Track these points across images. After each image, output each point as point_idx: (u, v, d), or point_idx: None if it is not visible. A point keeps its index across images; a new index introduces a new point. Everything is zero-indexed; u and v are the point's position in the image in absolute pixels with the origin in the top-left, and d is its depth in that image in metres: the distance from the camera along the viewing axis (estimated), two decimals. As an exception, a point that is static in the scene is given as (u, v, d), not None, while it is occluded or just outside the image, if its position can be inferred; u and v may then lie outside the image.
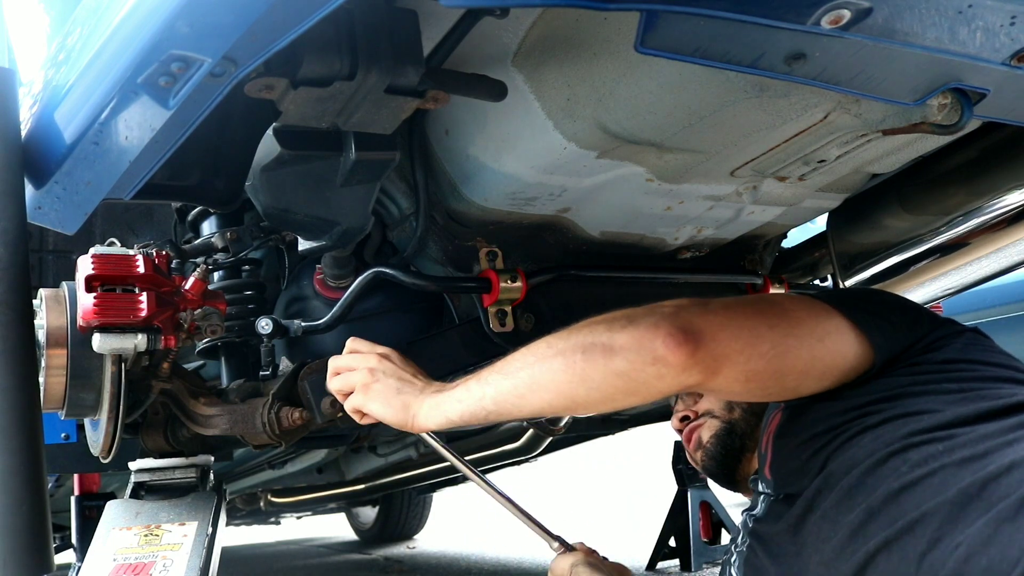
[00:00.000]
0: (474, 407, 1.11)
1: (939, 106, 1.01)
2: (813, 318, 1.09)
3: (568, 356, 1.04)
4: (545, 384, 1.06)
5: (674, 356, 0.99)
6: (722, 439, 1.39)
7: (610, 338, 1.03)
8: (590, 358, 1.03)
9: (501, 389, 1.09)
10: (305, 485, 3.86)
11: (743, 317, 1.05)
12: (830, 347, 1.08)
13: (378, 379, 1.20)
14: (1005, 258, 1.74)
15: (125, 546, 1.37)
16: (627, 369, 1.01)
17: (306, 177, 1.27)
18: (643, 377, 1.01)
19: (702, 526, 3.19)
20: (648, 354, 1.00)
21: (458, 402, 1.13)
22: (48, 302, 1.39)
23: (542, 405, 1.08)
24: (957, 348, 1.10)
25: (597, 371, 1.02)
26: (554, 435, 2.85)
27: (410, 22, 1.07)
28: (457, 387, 1.15)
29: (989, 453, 0.94)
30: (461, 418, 1.13)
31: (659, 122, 1.21)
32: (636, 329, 1.02)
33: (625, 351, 1.01)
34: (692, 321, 1.02)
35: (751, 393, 1.11)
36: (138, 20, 0.96)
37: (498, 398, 1.09)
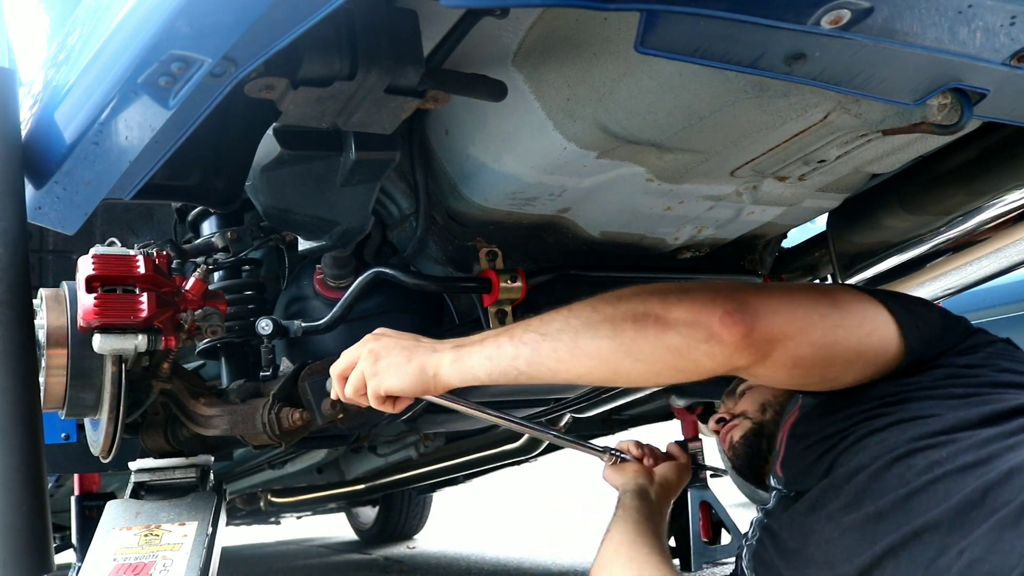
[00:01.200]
0: (505, 366, 1.05)
1: (939, 106, 1.01)
2: (863, 311, 1.07)
3: (618, 324, 1.00)
4: (589, 351, 1.01)
5: (730, 334, 0.96)
6: (749, 439, 1.40)
7: (664, 309, 0.98)
8: (642, 329, 0.98)
9: (540, 351, 1.03)
10: (305, 485, 3.86)
11: (797, 303, 1.03)
12: (876, 342, 1.06)
13: (381, 356, 1.14)
14: (1005, 258, 1.74)
15: (125, 546, 1.37)
16: (680, 344, 0.97)
17: (306, 177, 1.27)
18: (695, 354, 0.98)
19: (702, 526, 3.18)
20: (704, 330, 0.97)
21: (487, 359, 1.07)
22: (48, 302, 1.39)
23: (581, 372, 1.03)
24: (982, 356, 1.10)
25: (648, 343, 0.98)
26: (554, 435, 2.85)
27: (410, 22, 1.07)
28: (485, 342, 1.08)
29: (991, 458, 0.94)
30: (489, 376, 1.07)
31: (659, 122, 1.21)
32: (693, 304, 0.98)
33: (680, 325, 0.97)
34: (749, 301, 0.99)
35: (793, 380, 1.08)
36: (138, 20, 0.96)
37: (534, 359, 1.04)
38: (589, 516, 6.11)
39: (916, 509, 0.95)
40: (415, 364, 1.12)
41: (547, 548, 4.51)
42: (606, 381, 1.04)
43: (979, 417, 1.00)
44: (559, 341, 1.03)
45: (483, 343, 1.09)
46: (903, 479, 0.98)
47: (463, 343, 1.11)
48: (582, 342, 1.01)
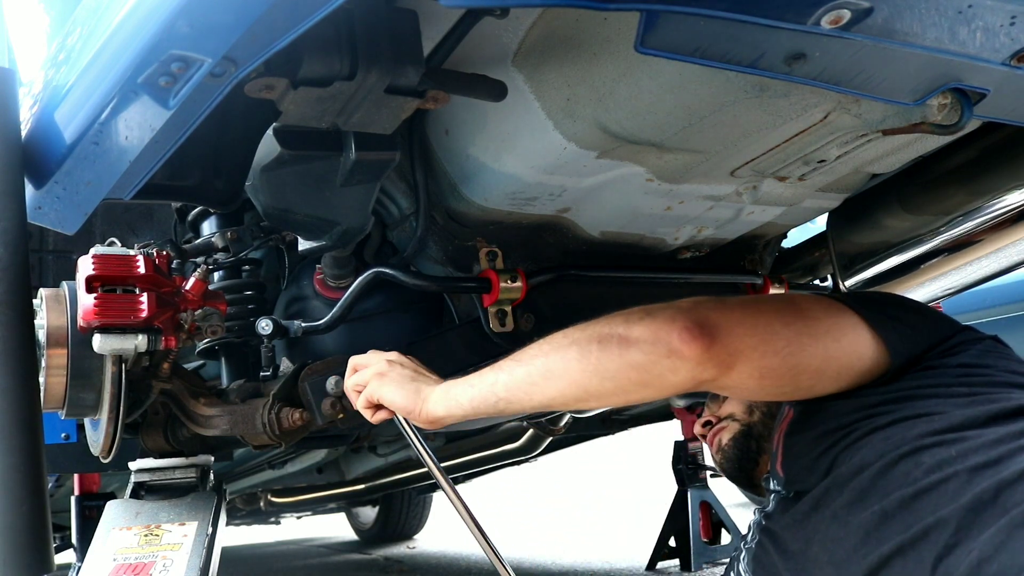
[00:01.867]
0: (485, 393, 1.11)
1: (939, 106, 1.01)
2: (829, 317, 1.09)
3: (584, 346, 1.04)
4: (559, 373, 1.06)
5: (689, 349, 1.00)
6: (739, 441, 1.40)
7: (627, 330, 1.03)
8: (606, 348, 1.03)
9: (514, 376, 1.09)
10: (305, 485, 3.86)
11: (759, 314, 1.06)
12: (846, 347, 1.08)
13: (394, 368, 1.22)
14: (1005, 258, 1.74)
15: (125, 546, 1.37)
16: (642, 361, 1.01)
17: (306, 177, 1.27)
18: (658, 370, 1.01)
19: (702, 526, 3.19)
20: (664, 346, 1.00)
21: (469, 387, 1.13)
22: (48, 302, 1.39)
23: (554, 395, 1.07)
24: (974, 354, 1.10)
25: (612, 362, 1.02)
26: (554, 435, 2.85)
27: (410, 22, 1.07)
28: (469, 377, 1.15)
29: (1002, 459, 0.94)
30: (472, 404, 1.12)
31: (659, 122, 1.21)
32: (653, 322, 1.02)
33: (641, 343, 1.01)
34: (708, 316, 1.02)
35: (766, 391, 1.11)
36: (138, 20, 0.96)
37: (510, 385, 1.09)
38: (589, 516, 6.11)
39: (925, 508, 0.95)
40: (412, 388, 1.19)
41: (547, 548, 4.51)
42: (578, 402, 1.08)
43: (985, 415, 1.00)
44: (531, 365, 1.08)
45: (470, 376, 1.15)
46: (910, 477, 0.98)
47: (456, 380, 1.17)
48: (553, 365, 1.06)
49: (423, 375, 1.22)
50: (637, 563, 3.45)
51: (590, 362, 1.04)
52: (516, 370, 1.09)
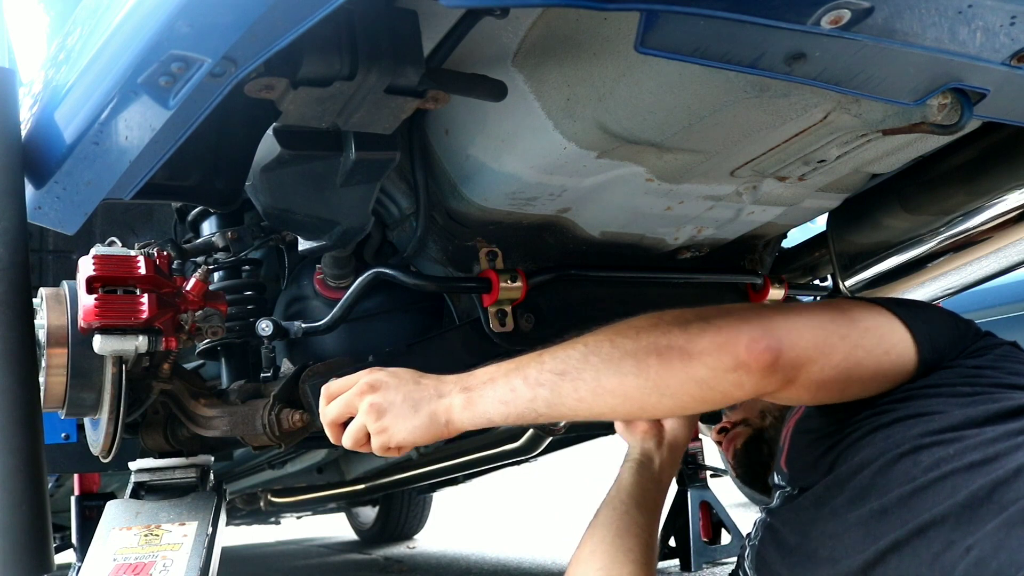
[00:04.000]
0: (522, 409, 1.02)
1: (939, 106, 1.01)
2: (881, 328, 1.06)
3: (641, 359, 0.97)
4: (612, 389, 0.98)
5: (757, 362, 0.95)
6: (749, 446, 1.41)
7: (688, 341, 0.97)
8: (667, 363, 0.96)
9: (560, 392, 1.00)
10: (305, 485, 3.86)
11: (818, 326, 1.02)
12: (895, 360, 1.06)
13: (385, 410, 1.08)
14: (1005, 258, 1.74)
15: (125, 546, 1.37)
16: (707, 376, 0.96)
17: (306, 177, 1.27)
18: (723, 385, 0.96)
19: (702, 526, 3.18)
20: (731, 359, 0.95)
21: (502, 403, 1.03)
22: (49, 301, 1.39)
23: (605, 411, 1.00)
24: (990, 358, 1.10)
25: (675, 377, 0.96)
26: (554, 435, 2.85)
27: (410, 22, 1.07)
28: (496, 383, 1.04)
29: (999, 456, 0.94)
30: (505, 420, 1.04)
31: (659, 122, 1.21)
32: (717, 333, 0.97)
33: (706, 356, 0.96)
34: (773, 326, 0.98)
35: (814, 400, 1.07)
36: (138, 20, 0.96)
37: (554, 401, 1.00)
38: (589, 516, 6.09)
39: (921, 505, 0.95)
40: (424, 414, 1.07)
41: (547, 548, 4.51)
42: (631, 417, 1.04)
43: (985, 415, 1.00)
44: (580, 380, 1.00)
45: (494, 384, 1.05)
46: (909, 475, 0.98)
47: (471, 384, 1.07)
48: (605, 380, 0.98)
49: (416, 389, 1.09)
50: (637, 563, 3.44)
51: (649, 378, 0.97)
52: (561, 386, 1.00)
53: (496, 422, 1.05)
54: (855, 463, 1.04)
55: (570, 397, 1.00)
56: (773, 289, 1.81)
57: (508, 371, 1.05)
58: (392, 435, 1.08)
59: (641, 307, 1.68)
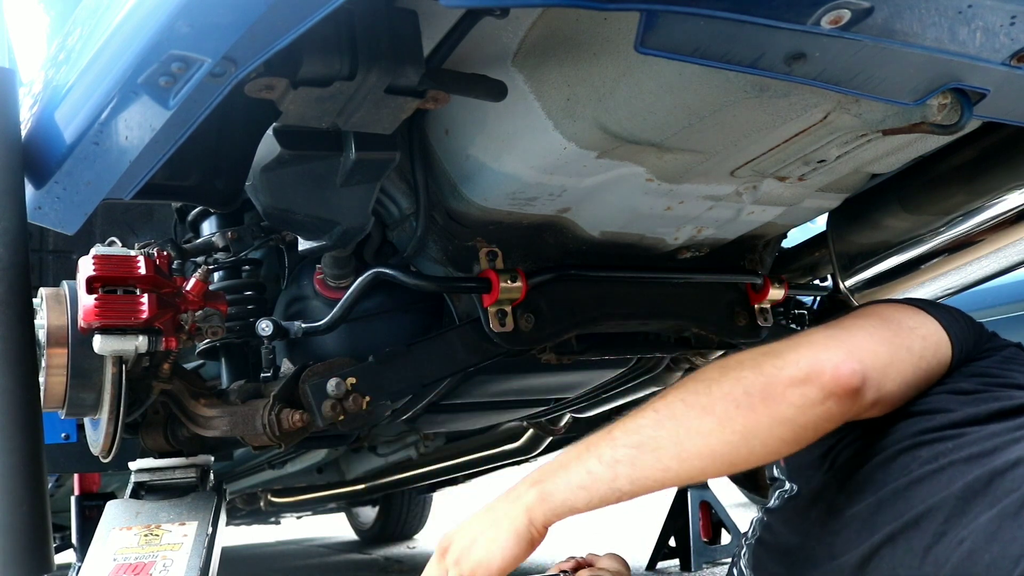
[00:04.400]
0: (604, 491, 0.95)
1: (939, 106, 1.01)
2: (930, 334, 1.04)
3: (720, 414, 0.92)
4: (698, 451, 0.93)
5: (845, 389, 0.92)
6: None
7: (767, 382, 0.92)
8: (749, 411, 0.91)
9: (641, 466, 0.94)
10: (305, 485, 3.86)
11: (885, 340, 0.99)
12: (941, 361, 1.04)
13: (466, 550, 1.00)
14: (1005, 258, 1.74)
15: (125, 546, 1.37)
16: (795, 415, 0.91)
17: (306, 177, 1.27)
18: (813, 420, 0.92)
19: (702, 526, 3.18)
20: (817, 392, 0.91)
21: (581, 488, 0.96)
22: (49, 301, 1.39)
23: (694, 474, 0.95)
24: (997, 359, 1.09)
25: (761, 424, 0.92)
26: (554, 435, 2.85)
27: (410, 22, 1.07)
28: (569, 469, 0.97)
29: (997, 449, 0.94)
30: (588, 505, 0.97)
31: (659, 122, 1.21)
32: (797, 368, 0.92)
33: (790, 393, 0.91)
34: (850, 350, 0.95)
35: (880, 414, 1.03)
36: (138, 20, 0.96)
37: (637, 477, 0.94)
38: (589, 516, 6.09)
39: (917, 497, 0.95)
40: (505, 528, 0.99)
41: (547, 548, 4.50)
42: (723, 475, 0.98)
43: (987, 413, 1.00)
44: (660, 449, 0.94)
45: (566, 470, 0.98)
46: (906, 469, 0.98)
47: (541, 477, 1.00)
48: (687, 444, 0.93)
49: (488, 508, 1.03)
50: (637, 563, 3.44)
51: (734, 431, 0.92)
52: (642, 459, 0.94)
53: (580, 509, 0.97)
54: (854, 460, 1.04)
55: (653, 468, 0.94)
56: (773, 289, 1.81)
57: (579, 454, 0.99)
58: (487, 566, 0.99)
59: (641, 307, 1.69)
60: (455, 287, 1.59)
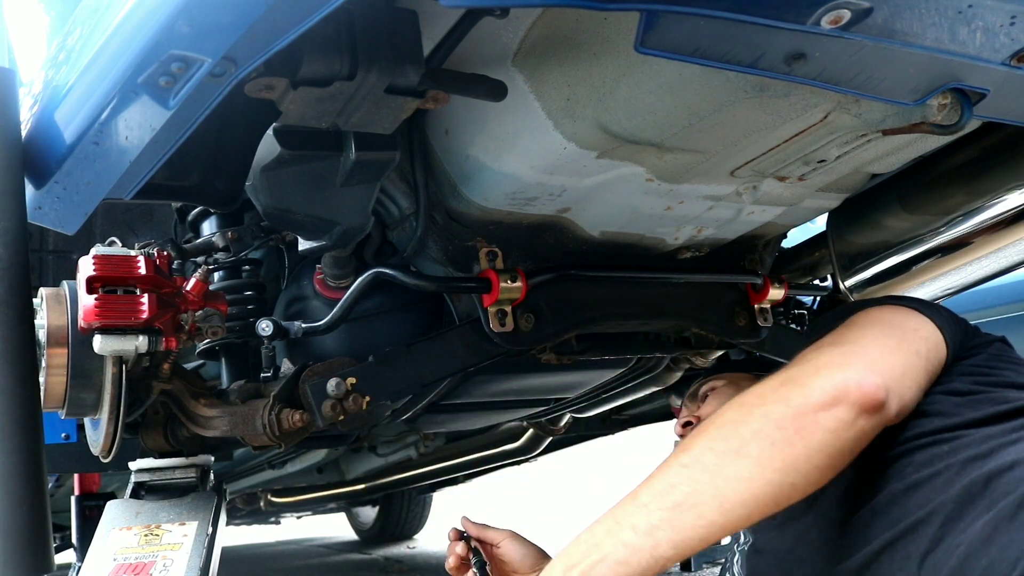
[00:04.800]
0: (647, 562, 0.90)
1: (939, 106, 1.01)
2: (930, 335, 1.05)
3: (755, 453, 0.90)
4: (741, 497, 0.89)
5: (873, 404, 0.91)
6: None
7: (796, 412, 0.90)
8: (786, 444, 0.89)
9: (682, 527, 0.90)
10: (305, 485, 3.86)
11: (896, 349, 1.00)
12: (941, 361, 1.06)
13: None
14: (1005, 258, 1.74)
15: (125, 546, 1.37)
16: (831, 440, 0.90)
17: (306, 177, 1.27)
18: (848, 440, 0.91)
19: (702, 526, 3.18)
20: (848, 412, 0.90)
21: (622, 565, 0.90)
22: (49, 301, 1.39)
23: (741, 522, 0.91)
24: (984, 357, 1.10)
25: (800, 455, 0.90)
26: (554, 435, 2.85)
27: (410, 22, 1.07)
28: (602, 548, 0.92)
29: (993, 452, 0.94)
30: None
31: (659, 122, 1.21)
32: (823, 392, 0.91)
33: (822, 418, 0.90)
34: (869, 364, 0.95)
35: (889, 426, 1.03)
36: (138, 20, 0.96)
37: (679, 540, 0.90)
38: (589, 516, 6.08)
39: (914, 502, 0.95)
40: None
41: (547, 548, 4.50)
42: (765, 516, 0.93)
43: (983, 416, 1.00)
44: (700, 505, 0.90)
45: (600, 549, 0.92)
46: (903, 474, 0.98)
47: (574, 560, 0.94)
48: (729, 493, 0.90)
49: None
50: (637, 563, 3.43)
51: (775, 469, 0.89)
52: (681, 519, 0.90)
53: None
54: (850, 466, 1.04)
55: (696, 527, 0.90)
56: (773, 289, 1.81)
57: (609, 529, 0.94)
58: None
59: (641, 307, 1.69)
60: (455, 287, 1.59)
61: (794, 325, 2.14)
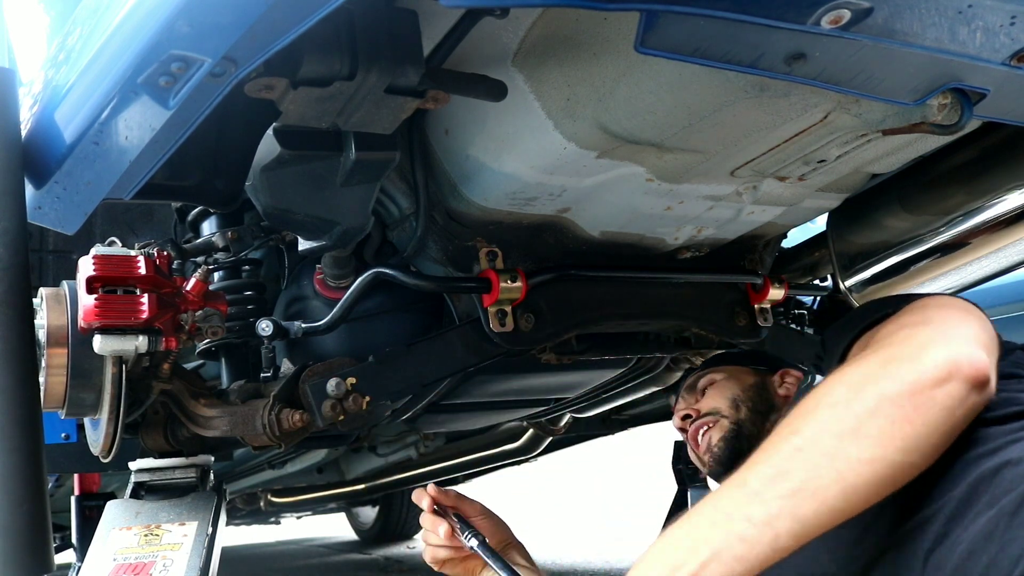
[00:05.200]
0: (767, 554, 0.85)
1: (939, 106, 1.01)
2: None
3: (875, 433, 0.86)
4: (864, 481, 0.86)
5: (982, 378, 0.90)
6: (730, 442, 1.37)
7: (912, 388, 0.88)
8: (905, 421, 0.87)
9: (804, 516, 0.85)
10: (305, 485, 3.86)
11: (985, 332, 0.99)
12: None
13: None
14: (1005, 258, 1.74)
15: (125, 546, 1.37)
16: (946, 416, 0.88)
17: (306, 177, 1.27)
18: (959, 418, 0.89)
19: (702, 526, 3.18)
20: (962, 387, 0.89)
21: (739, 561, 0.85)
22: (49, 301, 1.39)
23: (859, 508, 0.87)
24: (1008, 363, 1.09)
25: (920, 432, 0.87)
26: (554, 435, 2.85)
27: (410, 22, 1.07)
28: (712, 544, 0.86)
29: (1000, 448, 0.94)
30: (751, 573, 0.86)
31: (659, 122, 1.21)
32: (936, 366, 0.89)
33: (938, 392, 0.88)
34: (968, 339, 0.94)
35: None
36: (138, 20, 0.96)
37: (800, 530, 0.85)
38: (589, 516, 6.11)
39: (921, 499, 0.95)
40: None
41: (547, 548, 4.51)
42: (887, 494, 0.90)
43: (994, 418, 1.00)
44: (822, 491, 0.86)
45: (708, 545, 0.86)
46: None
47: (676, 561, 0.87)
48: (852, 478, 0.86)
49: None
50: (637, 563, 3.43)
51: (896, 448, 0.86)
52: (803, 507, 0.85)
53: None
54: None
55: (819, 515, 0.85)
56: (773, 289, 1.81)
57: (715, 522, 0.88)
58: None
59: (641, 307, 1.69)
60: (455, 287, 1.59)
61: (794, 325, 2.14)
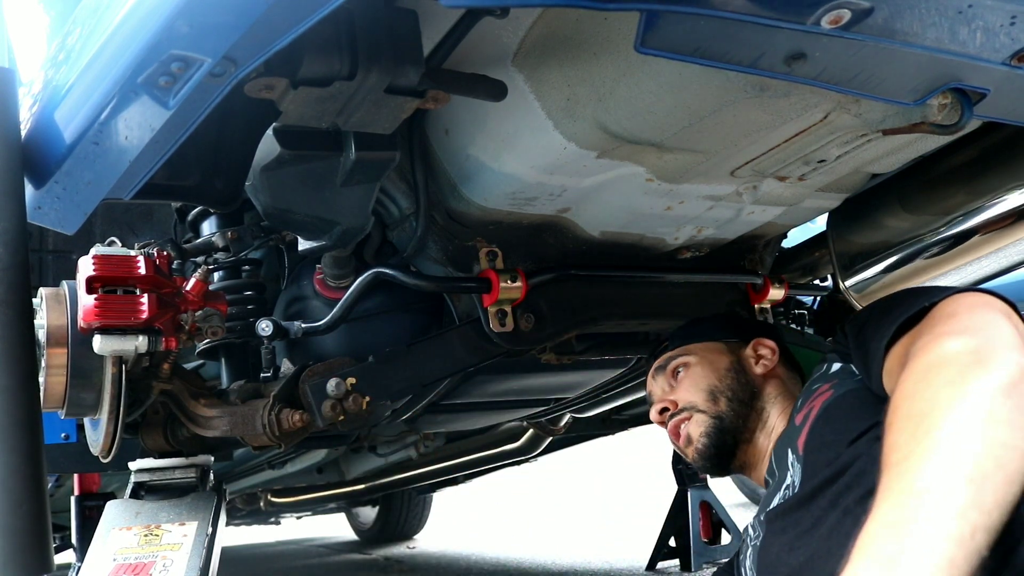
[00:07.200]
0: (969, 548, 0.81)
1: (939, 106, 1.01)
2: None
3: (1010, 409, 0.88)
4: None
5: None
6: (713, 437, 1.36)
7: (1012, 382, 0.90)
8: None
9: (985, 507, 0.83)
10: (305, 485, 3.86)
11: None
12: None
13: None
14: (1005, 258, 1.74)
15: (125, 546, 1.37)
16: None
17: (306, 177, 1.27)
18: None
19: (702, 526, 3.19)
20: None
21: (950, 563, 0.80)
22: (48, 301, 1.39)
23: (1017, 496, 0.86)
24: None
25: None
26: (554, 435, 2.85)
27: (410, 22, 1.07)
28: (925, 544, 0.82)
29: None
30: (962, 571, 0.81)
31: (659, 122, 1.21)
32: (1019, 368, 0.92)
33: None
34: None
35: None
36: (138, 20, 0.96)
37: (988, 522, 0.83)
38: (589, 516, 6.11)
39: None
40: None
41: (547, 548, 4.51)
42: None
43: None
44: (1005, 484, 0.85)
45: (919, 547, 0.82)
46: None
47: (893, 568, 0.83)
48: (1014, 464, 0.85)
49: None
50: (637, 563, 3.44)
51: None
52: (982, 495, 0.83)
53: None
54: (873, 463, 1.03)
55: (1003, 498, 0.84)
56: (773, 289, 1.81)
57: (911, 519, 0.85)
58: None
59: (641, 307, 1.69)
60: (455, 287, 1.59)
61: (794, 325, 2.14)
